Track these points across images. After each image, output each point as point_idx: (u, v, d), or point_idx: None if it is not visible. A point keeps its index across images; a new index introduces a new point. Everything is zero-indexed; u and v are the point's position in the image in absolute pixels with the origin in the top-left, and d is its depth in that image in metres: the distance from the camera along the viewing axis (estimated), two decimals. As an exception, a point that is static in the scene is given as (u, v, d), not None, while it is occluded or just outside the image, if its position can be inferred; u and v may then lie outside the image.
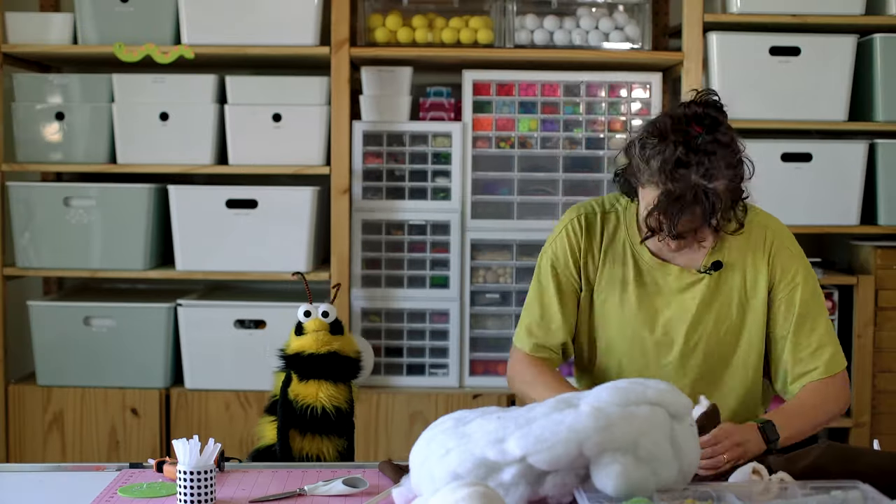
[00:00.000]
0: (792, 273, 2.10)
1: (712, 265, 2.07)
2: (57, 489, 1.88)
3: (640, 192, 2.02)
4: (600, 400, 1.60)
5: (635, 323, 2.12)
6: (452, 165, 3.37)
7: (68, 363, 3.36)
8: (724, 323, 2.10)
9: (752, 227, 2.09)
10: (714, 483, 1.69)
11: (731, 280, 2.10)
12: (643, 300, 2.12)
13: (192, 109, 3.36)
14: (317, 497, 1.80)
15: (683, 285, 2.10)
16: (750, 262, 2.10)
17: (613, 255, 2.14)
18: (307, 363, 2.13)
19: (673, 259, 2.11)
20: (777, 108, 3.33)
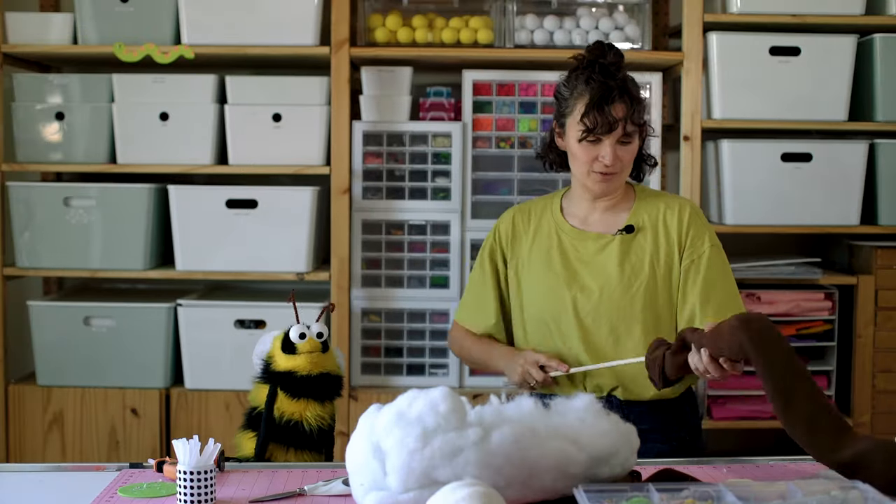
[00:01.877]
0: (700, 242, 2.32)
1: (625, 228, 2.34)
2: (57, 489, 1.87)
3: (569, 122, 2.32)
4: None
5: (557, 285, 2.34)
6: (452, 165, 3.37)
7: (68, 363, 3.36)
8: (637, 280, 2.30)
9: (668, 199, 2.38)
10: (714, 483, 1.69)
11: (644, 242, 2.33)
12: (566, 265, 2.35)
13: (192, 109, 3.36)
14: (317, 497, 1.80)
15: (599, 247, 2.35)
16: (662, 227, 2.34)
17: (540, 234, 2.41)
18: (299, 384, 2.13)
19: (591, 227, 2.37)
20: (777, 108, 3.33)
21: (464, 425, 1.61)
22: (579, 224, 2.39)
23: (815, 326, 3.37)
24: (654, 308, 2.31)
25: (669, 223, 2.34)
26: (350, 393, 3.34)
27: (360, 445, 1.65)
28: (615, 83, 2.27)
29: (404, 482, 1.58)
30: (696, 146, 3.31)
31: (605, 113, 2.25)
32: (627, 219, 2.36)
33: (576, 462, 1.64)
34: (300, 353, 2.15)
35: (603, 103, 2.25)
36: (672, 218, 2.34)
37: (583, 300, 2.32)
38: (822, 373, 3.39)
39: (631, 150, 2.31)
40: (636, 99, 2.29)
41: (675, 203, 2.37)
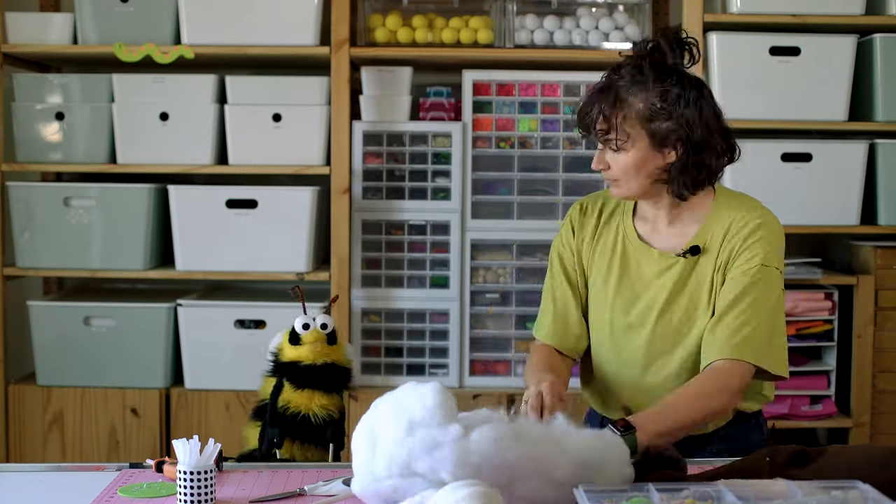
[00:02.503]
0: (752, 254, 2.04)
1: (690, 249, 2.06)
2: (57, 489, 1.87)
3: None
4: None
5: (614, 305, 2.11)
6: (452, 165, 3.37)
7: (68, 363, 3.36)
8: (697, 308, 2.05)
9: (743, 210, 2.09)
10: (714, 483, 1.69)
11: (706, 265, 2.06)
12: (623, 283, 2.11)
13: (192, 109, 3.36)
14: (317, 497, 1.80)
15: (661, 269, 2.08)
16: (725, 244, 2.06)
17: (606, 237, 2.16)
18: (303, 373, 2.15)
19: (657, 245, 2.10)
20: (777, 108, 3.33)
21: (447, 421, 1.62)
22: (648, 232, 2.12)
23: (815, 326, 3.37)
24: (696, 336, 2.05)
25: (734, 241, 2.05)
26: (350, 393, 3.33)
27: (362, 427, 1.69)
28: (611, 83, 2.03)
29: (387, 469, 1.62)
30: (696, 146, 3.31)
31: (580, 114, 2.06)
32: (696, 234, 2.07)
33: (559, 466, 1.64)
34: (304, 343, 2.17)
35: (583, 105, 2.05)
36: (738, 234, 2.05)
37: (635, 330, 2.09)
38: (821, 373, 3.39)
39: (623, 159, 2.01)
40: (622, 99, 2.00)
41: (746, 215, 2.07)
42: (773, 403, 3.36)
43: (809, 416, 3.36)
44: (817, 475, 1.73)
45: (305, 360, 2.17)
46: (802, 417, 3.36)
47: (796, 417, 3.36)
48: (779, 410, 3.36)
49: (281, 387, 2.15)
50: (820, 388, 3.38)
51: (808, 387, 3.38)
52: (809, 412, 3.36)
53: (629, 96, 2.01)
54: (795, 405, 3.36)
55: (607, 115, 2.01)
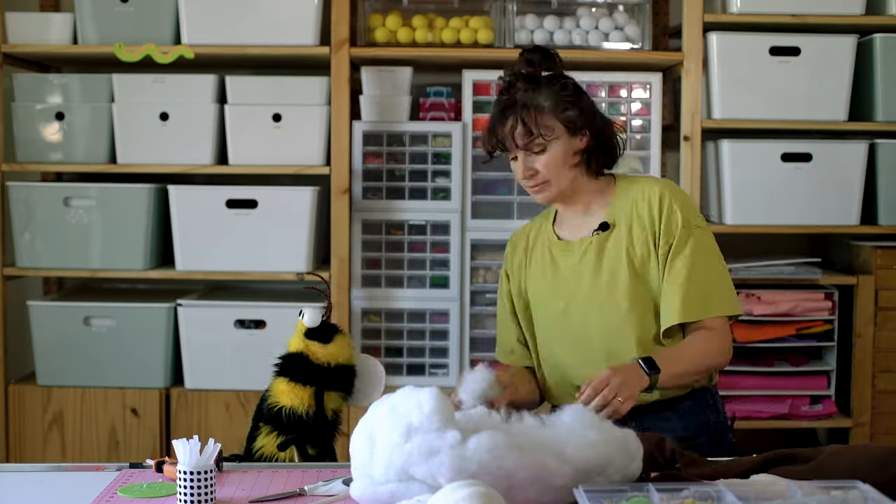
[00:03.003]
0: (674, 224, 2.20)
1: (599, 226, 2.25)
2: (57, 489, 1.87)
3: None
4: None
5: (549, 302, 2.28)
6: (452, 165, 3.37)
7: (68, 363, 3.36)
8: (617, 281, 2.21)
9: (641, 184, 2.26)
10: (714, 483, 1.69)
11: (619, 237, 2.23)
12: (556, 279, 2.28)
13: (192, 109, 3.36)
14: (317, 497, 1.80)
15: (580, 254, 2.26)
16: (636, 216, 2.23)
17: (536, 253, 2.34)
18: (348, 377, 2.10)
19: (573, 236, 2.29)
20: (777, 108, 3.33)
21: (445, 427, 1.62)
22: (567, 233, 2.31)
23: (815, 326, 3.37)
24: (639, 307, 2.21)
25: (641, 210, 2.23)
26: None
27: (360, 430, 1.70)
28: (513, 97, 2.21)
29: (385, 473, 1.63)
30: (696, 146, 3.31)
31: (495, 132, 2.22)
32: (604, 216, 2.26)
33: (559, 475, 1.64)
34: (336, 342, 2.09)
35: (493, 123, 2.22)
36: (643, 203, 2.23)
37: (572, 314, 2.24)
38: (821, 373, 3.39)
39: (547, 158, 2.20)
40: (531, 106, 2.19)
41: (646, 186, 2.25)
42: (774, 403, 3.36)
43: (809, 416, 3.36)
44: (817, 475, 1.73)
45: (346, 361, 2.10)
46: (802, 417, 3.36)
47: (796, 417, 3.36)
48: (779, 410, 3.36)
49: (322, 393, 2.04)
50: (820, 388, 3.38)
51: (808, 387, 3.38)
52: (809, 412, 3.36)
53: (535, 99, 2.20)
54: (795, 405, 3.36)
55: (525, 120, 2.18)
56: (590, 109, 2.25)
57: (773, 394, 3.36)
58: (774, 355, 3.39)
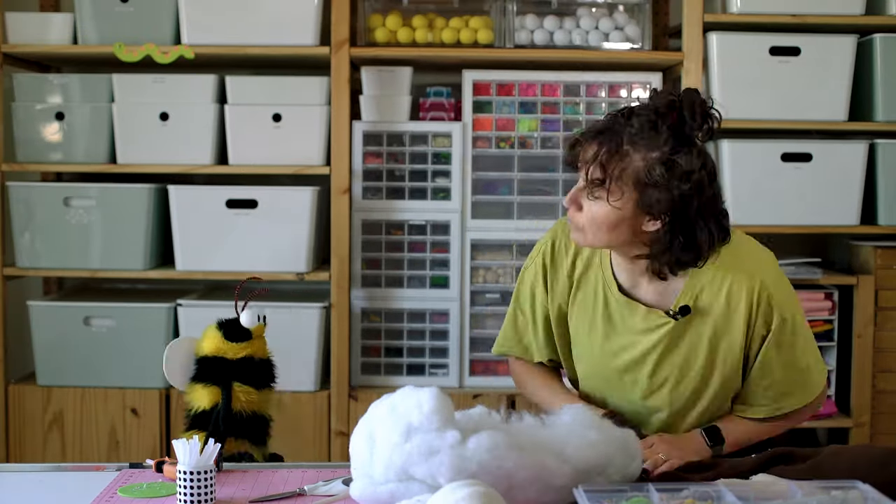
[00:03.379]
0: (771, 321, 1.97)
1: (680, 309, 1.96)
2: (57, 489, 1.87)
3: None
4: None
5: (601, 358, 2.05)
6: (452, 165, 3.37)
7: (68, 363, 3.36)
8: (689, 369, 1.99)
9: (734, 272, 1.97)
10: (713, 482, 1.69)
11: (701, 325, 1.98)
12: (609, 336, 2.04)
13: (192, 109, 3.36)
14: (317, 497, 1.80)
15: (648, 327, 2.00)
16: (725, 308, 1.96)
17: (586, 284, 2.07)
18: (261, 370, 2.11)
19: (641, 297, 2.02)
20: (777, 108, 3.33)
21: (445, 427, 1.62)
22: (628, 284, 2.02)
23: (815, 326, 3.37)
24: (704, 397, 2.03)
25: (734, 302, 1.95)
26: (350, 393, 3.34)
27: (360, 430, 1.70)
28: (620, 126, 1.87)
29: (385, 473, 1.63)
30: (696, 146, 3.31)
31: (576, 147, 1.93)
32: (682, 290, 1.97)
33: (559, 475, 1.64)
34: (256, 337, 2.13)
35: (585, 135, 1.91)
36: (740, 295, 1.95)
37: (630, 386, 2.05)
38: (822, 373, 3.39)
39: (602, 212, 1.89)
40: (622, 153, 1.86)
41: (742, 271, 1.96)
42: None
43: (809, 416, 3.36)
44: (817, 475, 1.73)
45: (260, 356, 2.13)
46: (802, 417, 3.36)
47: (796, 417, 3.36)
48: (779, 410, 3.36)
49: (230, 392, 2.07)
50: (820, 388, 3.38)
51: (808, 387, 3.38)
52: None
53: (632, 150, 1.86)
54: (795, 405, 3.36)
55: (604, 162, 1.87)
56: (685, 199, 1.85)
57: (773, 394, 3.36)
58: (774, 355, 3.39)
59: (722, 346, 1.98)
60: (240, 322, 2.14)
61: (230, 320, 2.14)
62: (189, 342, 2.16)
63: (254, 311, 2.15)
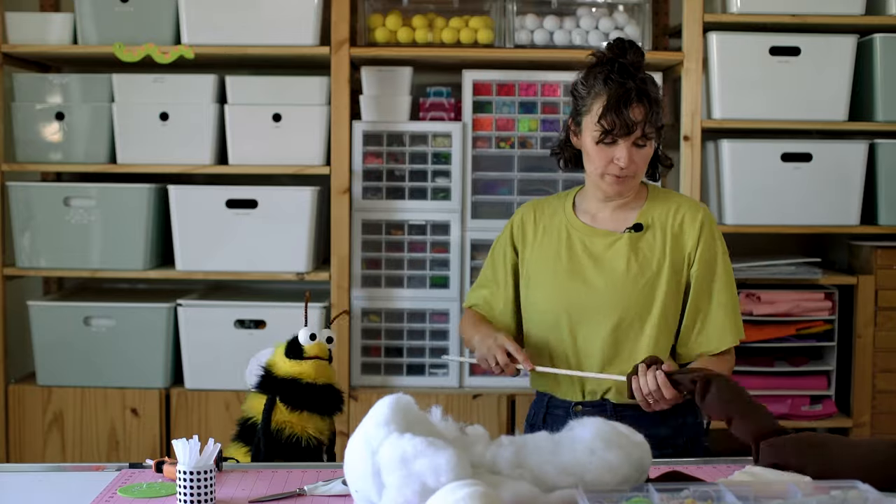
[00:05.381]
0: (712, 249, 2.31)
1: (633, 226, 2.32)
2: (57, 489, 1.88)
3: (585, 122, 2.29)
4: None
5: (562, 279, 2.33)
6: (452, 165, 3.37)
7: (68, 363, 3.36)
8: (643, 277, 2.29)
9: (680, 201, 2.36)
10: (713, 482, 1.69)
11: (652, 241, 2.31)
12: (572, 260, 2.34)
13: (192, 109, 3.36)
14: (317, 497, 1.80)
15: (608, 243, 2.32)
16: (671, 229, 2.31)
17: (550, 230, 2.40)
18: (303, 392, 2.08)
19: (601, 224, 2.36)
20: (777, 108, 3.33)
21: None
22: (589, 221, 2.37)
23: (815, 326, 3.37)
24: (659, 307, 2.29)
25: (680, 226, 2.32)
26: (350, 393, 3.34)
27: (360, 454, 1.63)
28: (634, 84, 2.23)
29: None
30: (696, 146, 3.31)
31: (624, 115, 2.21)
32: (637, 217, 2.34)
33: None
34: (307, 356, 2.10)
35: (621, 105, 2.21)
36: (684, 221, 2.32)
37: (588, 294, 2.30)
38: (822, 373, 3.39)
39: (646, 153, 2.28)
40: (655, 101, 2.25)
41: (686, 206, 2.35)
42: (774, 403, 3.36)
43: (809, 416, 3.36)
44: (827, 471, 1.73)
45: (306, 378, 2.09)
46: (802, 417, 3.36)
47: (796, 417, 3.36)
48: (779, 410, 3.36)
49: (274, 404, 2.08)
50: (820, 388, 3.38)
51: (808, 387, 3.38)
52: (809, 412, 3.36)
53: (656, 94, 2.26)
54: (795, 405, 3.37)
55: (655, 113, 2.24)
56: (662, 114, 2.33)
57: (773, 394, 3.36)
58: (774, 355, 3.39)
59: (669, 258, 2.29)
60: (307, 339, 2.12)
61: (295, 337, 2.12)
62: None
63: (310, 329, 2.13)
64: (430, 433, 1.65)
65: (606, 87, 2.24)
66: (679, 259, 2.30)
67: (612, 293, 2.29)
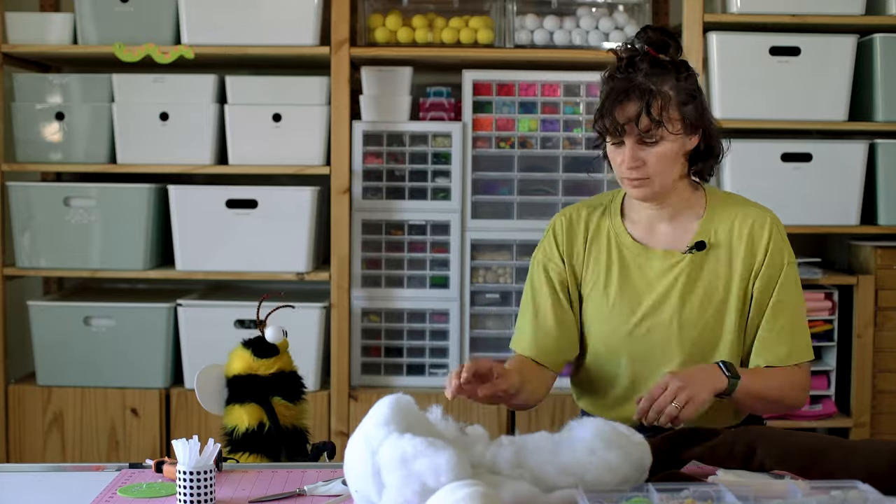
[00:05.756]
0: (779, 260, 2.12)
1: (695, 245, 2.10)
2: (57, 489, 1.87)
3: None
4: None
5: (618, 311, 2.12)
6: (452, 165, 3.37)
7: (68, 363, 3.36)
8: (710, 304, 2.09)
9: (745, 208, 2.14)
10: (713, 482, 1.69)
11: (716, 261, 2.10)
12: (625, 286, 2.12)
13: (192, 109, 3.36)
14: (317, 497, 1.80)
15: (666, 267, 2.10)
16: (738, 243, 2.11)
17: (598, 246, 2.16)
18: (296, 384, 2.10)
19: (656, 245, 2.13)
20: (777, 108, 3.33)
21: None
22: (642, 235, 2.14)
23: (815, 326, 3.36)
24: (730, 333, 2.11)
25: (747, 239, 2.10)
26: (350, 393, 3.34)
27: (360, 454, 1.63)
28: (635, 78, 2.03)
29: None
30: (696, 146, 3.31)
31: (612, 115, 2.03)
32: (697, 231, 2.11)
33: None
34: (283, 352, 2.13)
35: (613, 104, 2.03)
36: (751, 233, 2.11)
37: (647, 331, 2.11)
38: (821, 373, 3.39)
39: (661, 151, 2.04)
40: (658, 93, 2.02)
41: (751, 214, 2.12)
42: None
43: (809, 416, 3.36)
44: (830, 477, 1.73)
45: (288, 369, 2.12)
46: (802, 417, 3.36)
47: (796, 417, 3.36)
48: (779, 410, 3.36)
49: (271, 406, 2.08)
50: (820, 388, 3.38)
51: (808, 387, 3.38)
52: (809, 412, 3.36)
53: (660, 85, 2.03)
54: (795, 405, 3.36)
55: (651, 107, 2.01)
56: (705, 108, 2.10)
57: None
58: (774, 355, 3.39)
59: (736, 277, 2.09)
60: (265, 339, 2.12)
61: (256, 338, 2.13)
62: (216, 368, 2.14)
63: (277, 326, 2.14)
64: (430, 433, 1.65)
65: (606, 86, 2.08)
66: (746, 275, 2.10)
67: (677, 329, 2.09)
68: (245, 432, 2.06)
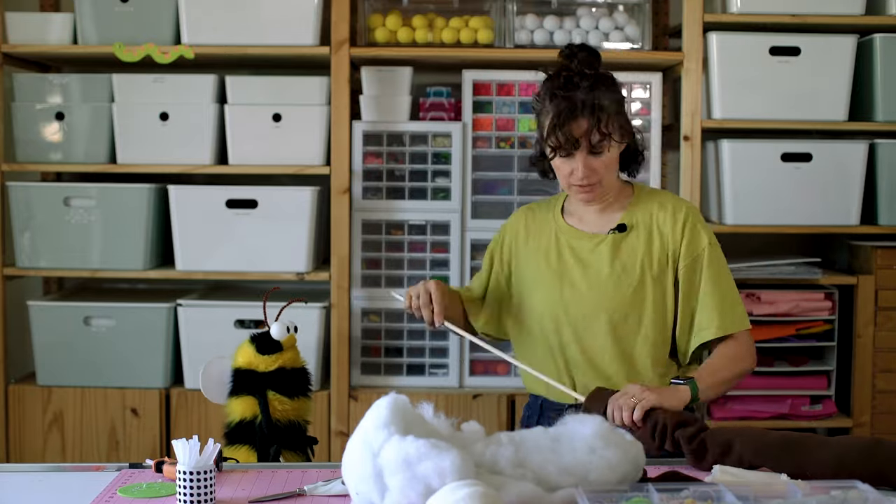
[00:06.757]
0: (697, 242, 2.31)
1: (617, 227, 2.34)
2: (57, 489, 1.88)
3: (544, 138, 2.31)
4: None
5: (550, 281, 2.36)
6: (452, 165, 3.37)
7: (68, 363, 3.36)
8: (627, 279, 2.31)
9: (663, 199, 2.38)
10: (713, 483, 1.69)
11: (636, 241, 2.33)
12: (560, 262, 2.37)
13: (192, 109, 3.36)
14: (317, 497, 1.80)
15: (592, 245, 2.35)
16: (655, 227, 2.33)
17: (542, 233, 2.43)
18: (296, 379, 2.13)
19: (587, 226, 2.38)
20: (777, 108, 3.33)
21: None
22: (576, 223, 2.41)
23: (815, 326, 3.37)
24: (650, 305, 2.31)
25: (663, 223, 2.34)
26: (350, 393, 3.34)
27: (361, 456, 1.63)
28: (578, 96, 2.23)
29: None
30: (696, 146, 3.31)
31: (566, 132, 2.23)
32: (621, 217, 2.36)
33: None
34: (287, 348, 2.14)
35: (564, 122, 2.23)
36: (666, 218, 2.34)
37: (576, 297, 2.33)
38: (822, 373, 3.39)
39: (607, 159, 2.28)
40: (602, 108, 2.24)
41: (669, 203, 2.37)
42: (774, 403, 3.37)
43: (809, 416, 3.37)
44: (803, 469, 1.74)
45: (292, 365, 2.14)
46: (802, 417, 3.36)
47: (796, 417, 3.36)
48: (779, 410, 3.36)
49: (266, 401, 2.10)
50: (820, 388, 3.38)
51: (808, 387, 3.38)
52: (809, 412, 3.37)
53: (602, 100, 2.25)
54: (795, 405, 3.37)
55: (600, 122, 2.24)
56: (630, 113, 2.37)
57: (773, 394, 3.37)
58: (774, 355, 3.39)
59: (654, 260, 2.31)
60: (271, 335, 2.15)
61: (262, 334, 2.17)
62: (223, 361, 2.19)
63: (284, 322, 2.16)
64: (428, 433, 1.66)
65: (552, 104, 2.25)
66: (664, 257, 2.32)
67: (598, 295, 2.31)
68: (239, 423, 2.09)
